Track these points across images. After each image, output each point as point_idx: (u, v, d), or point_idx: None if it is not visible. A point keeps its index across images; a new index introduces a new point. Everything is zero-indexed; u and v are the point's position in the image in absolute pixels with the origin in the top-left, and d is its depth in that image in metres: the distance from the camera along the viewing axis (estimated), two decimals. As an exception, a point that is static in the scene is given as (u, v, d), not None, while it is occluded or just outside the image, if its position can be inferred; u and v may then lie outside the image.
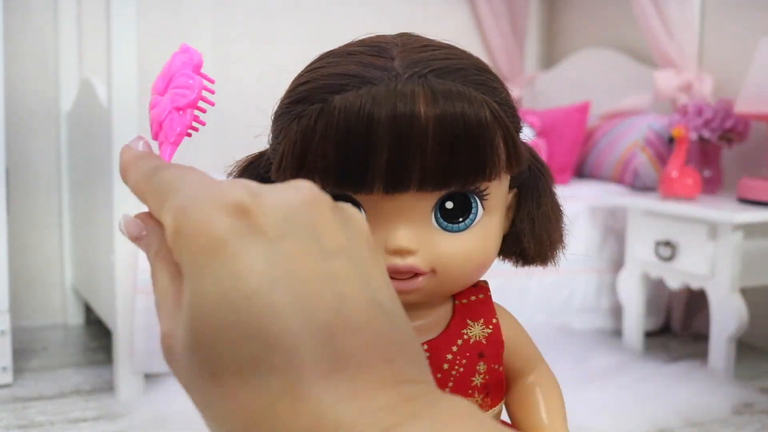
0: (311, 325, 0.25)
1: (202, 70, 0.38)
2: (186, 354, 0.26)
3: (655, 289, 2.50)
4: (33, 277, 2.74)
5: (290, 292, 0.25)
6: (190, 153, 3.31)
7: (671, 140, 2.50)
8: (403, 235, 0.46)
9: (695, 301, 2.57)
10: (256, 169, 0.53)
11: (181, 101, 0.37)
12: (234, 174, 0.55)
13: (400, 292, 0.47)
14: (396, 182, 0.44)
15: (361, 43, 0.49)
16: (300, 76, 0.48)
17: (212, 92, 0.38)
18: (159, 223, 0.31)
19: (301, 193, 0.28)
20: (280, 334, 0.24)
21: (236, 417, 0.25)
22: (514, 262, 0.55)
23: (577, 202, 2.47)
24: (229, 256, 0.25)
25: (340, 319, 0.25)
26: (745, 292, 2.14)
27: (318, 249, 0.26)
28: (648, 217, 2.28)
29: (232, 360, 0.25)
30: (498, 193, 0.49)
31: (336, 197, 0.46)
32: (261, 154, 0.54)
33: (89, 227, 2.38)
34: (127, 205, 1.98)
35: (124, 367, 2.03)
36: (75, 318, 2.77)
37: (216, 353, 0.25)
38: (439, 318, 0.52)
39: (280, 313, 0.25)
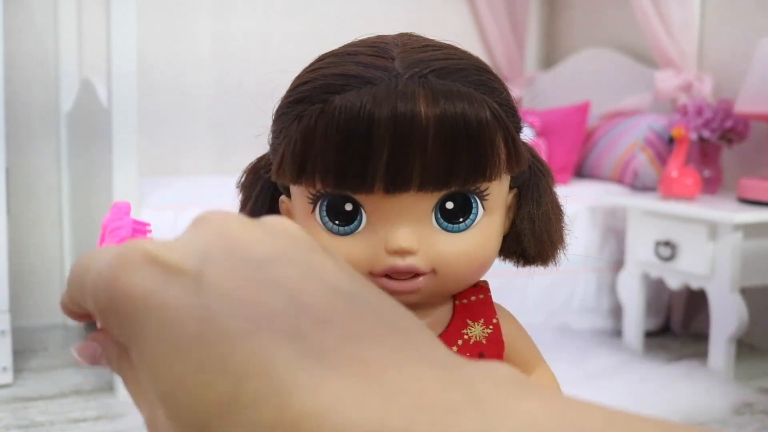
0: (265, 328, 0.22)
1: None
2: (170, 424, 0.24)
3: (655, 289, 2.50)
4: (33, 277, 2.74)
5: (234, 311, 0.23)
6: (190, 153, 3.28)
7: (671, 140, 2.50)
8: (403, 236, 0.46)
9: (695, 301, 2.57)
10: (259, 171, 0.53)
11: (115, 239, 0.38)
12: (243, 180, 0.55)
13: (400, 293, 0.47)
14: (396, 182, 0.45)
15: (362, 43, 0.49)
16: (300, 76, 0.48)
17: (148, 231, 0.39)
18: (108, 333, 0.28)
19: (206, 223, 0.26)
20: (237, 353, 0.22)
21: None
22: (514, 262, 0.55)
23: (577, 202, 2.47)
24: (157, 308, 0.23)
25: (293, 308, 0.23)
26: (745, 292, 2.14)
27: (244, 264, 0.24)
28: (648, 217, 2.28)
29: (209, 405, 0.22)
30: (498, 193, 0.49)
31: (336, 197, 0.47)
32: (263, 157, 0.54)
33: (89, 227, 2.38)
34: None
35: (124, 367, 2.03)
36: (75, 318, 2.77)
37: (191, 407, 0.22)
38: (439, 318, 0.52)
39: (233, 335, 0.22)
